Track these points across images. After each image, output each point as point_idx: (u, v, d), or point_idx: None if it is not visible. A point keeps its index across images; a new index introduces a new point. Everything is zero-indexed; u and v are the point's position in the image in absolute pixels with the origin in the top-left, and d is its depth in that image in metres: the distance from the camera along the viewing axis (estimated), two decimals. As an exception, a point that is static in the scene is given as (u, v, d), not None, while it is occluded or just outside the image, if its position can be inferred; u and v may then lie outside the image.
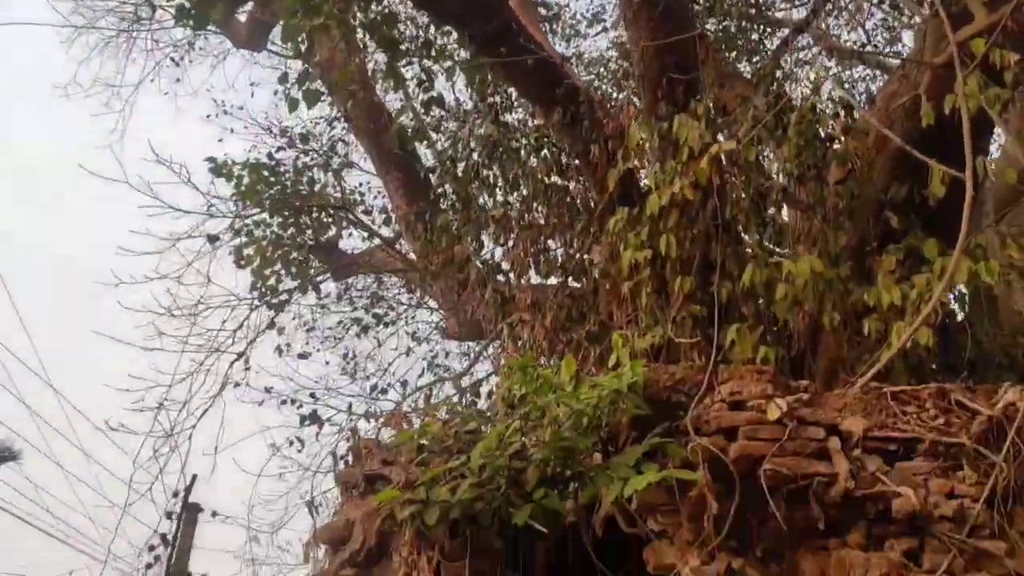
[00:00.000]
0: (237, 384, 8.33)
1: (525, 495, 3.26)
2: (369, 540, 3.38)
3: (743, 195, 5.33)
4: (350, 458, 4.05)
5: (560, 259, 7.24)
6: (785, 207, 5.90)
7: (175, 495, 9.58)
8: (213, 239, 8.18)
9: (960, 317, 4.99)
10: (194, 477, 10.49)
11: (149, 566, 10.62)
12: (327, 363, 9.69)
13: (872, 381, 3.76)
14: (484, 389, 8.26)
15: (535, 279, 7.34)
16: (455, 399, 8.22)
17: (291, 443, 8.44)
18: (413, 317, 10.31)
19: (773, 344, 4.55)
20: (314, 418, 8.30)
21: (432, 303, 9.81)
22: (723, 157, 4.78)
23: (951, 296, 4.71)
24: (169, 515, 9.90)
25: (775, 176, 5.69)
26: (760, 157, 5.85)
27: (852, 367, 4.45)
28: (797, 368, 4.89)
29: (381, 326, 9.70)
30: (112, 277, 7.82)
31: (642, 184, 6.20)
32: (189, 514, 11.56)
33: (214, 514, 10.77)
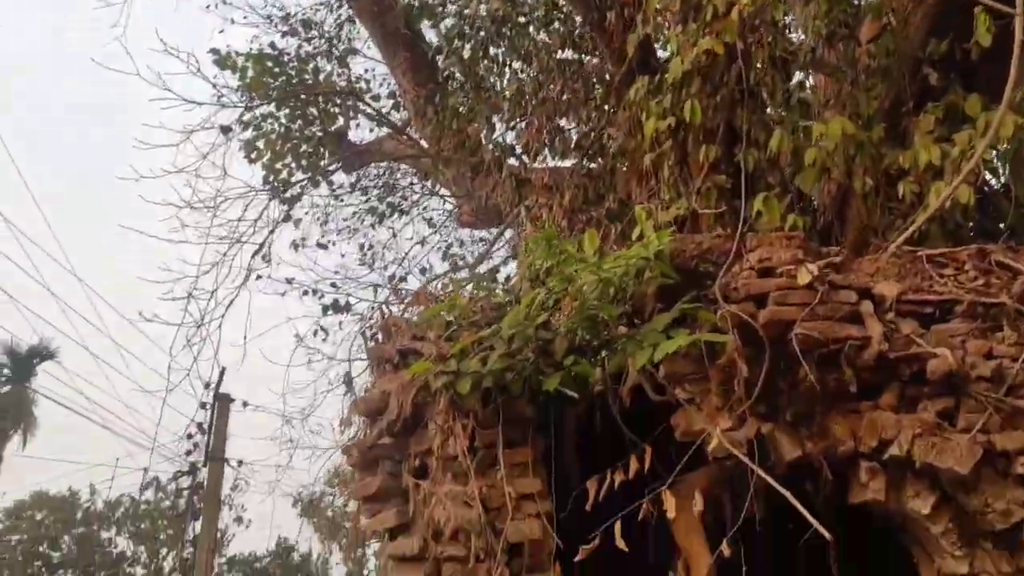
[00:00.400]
0: (259, 276, 8.39)
1: (555, 364, 3.27)
2: (405, 410, 3.44)
3: (768, 59, 5.04)
4: (380, 336, 4.08)
5: (576, 138, 7.03)
6: (812, 72, 5.61)
7: (207, 386, 9.91)
8: (226, 130, 8.05)
9: (998, 184, 4.79)
10: (223, 369, 10.81)
11: (188, 452, 11.23)
12: (343, 256, 9.73)
13: (906, 246, 3.65)
14: (501, 276, 8.27)
15: (550, 162, 7.17)
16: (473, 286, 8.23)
17: (315, 333, 8.60)
18: (426, 207, 10.23)
19: (799, 215, 4.41)
20: (337, 306, 8.40)
21: (445, 191, 9.68)
22: (748, 16, 4.47)
23: (992, 155, 4.48)
24: (203, 405, 10.28)
25: (803, 36, 5.36)
26: (786, 17, 5.50)
27: (883, 234, 4.32)
28: (824, 240, 4.76)
29: (396, 214, 9.64)
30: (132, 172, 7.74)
31: (660, 55, 5.90)
32: (221, 404, 11.97)
33: (244, 404, 11.20)
